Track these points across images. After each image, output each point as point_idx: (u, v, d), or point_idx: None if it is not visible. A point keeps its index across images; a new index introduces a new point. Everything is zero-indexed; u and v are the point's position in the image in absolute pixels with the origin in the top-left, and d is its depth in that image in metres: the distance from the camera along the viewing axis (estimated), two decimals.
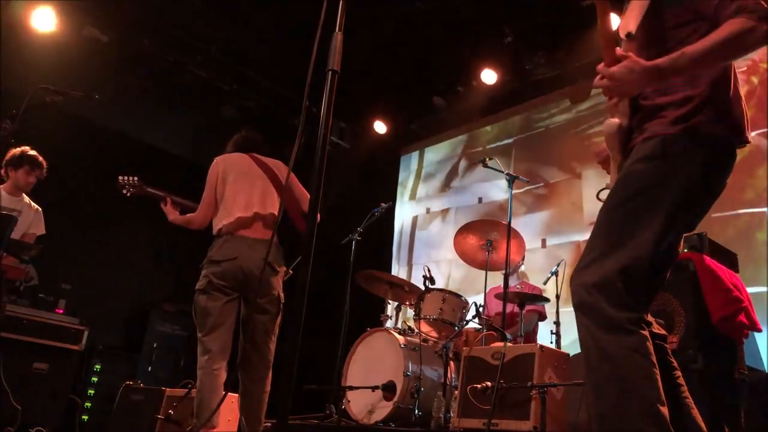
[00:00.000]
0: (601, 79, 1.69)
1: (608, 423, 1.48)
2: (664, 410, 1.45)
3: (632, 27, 1.79)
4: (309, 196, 3.50)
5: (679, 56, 1.59)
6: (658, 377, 1.48)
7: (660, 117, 1.69)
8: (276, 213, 3.32)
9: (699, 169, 1.63)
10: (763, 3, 1.55)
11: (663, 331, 1.78)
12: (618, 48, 1.72)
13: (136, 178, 3.66)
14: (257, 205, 3.31)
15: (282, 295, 3.29)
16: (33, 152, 4.38)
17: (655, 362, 1.50)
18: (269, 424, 3.28)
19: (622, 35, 1.82)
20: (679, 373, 1.71)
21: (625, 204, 1.65)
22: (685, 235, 1.80)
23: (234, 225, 3.24)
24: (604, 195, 1.79)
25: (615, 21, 1.84)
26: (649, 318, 1.74)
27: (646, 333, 1.54)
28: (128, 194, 3.66)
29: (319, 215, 3.36)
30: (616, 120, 1.80)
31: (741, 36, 1.54)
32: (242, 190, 3.34)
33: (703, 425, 1.65)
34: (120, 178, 3.67)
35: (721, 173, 1.70)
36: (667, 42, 1.70)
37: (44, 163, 4.43)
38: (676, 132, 1.64)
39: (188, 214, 3.47)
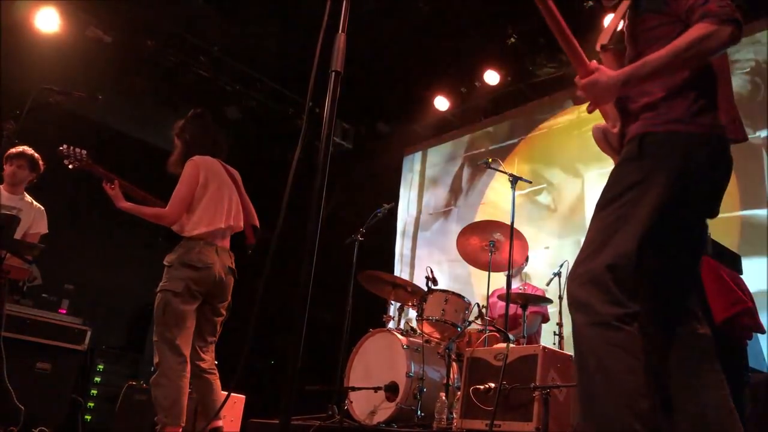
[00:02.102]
0: (577, 90, 1.76)
1: (591, 414, 1.53)
2: (646, 403, 1.48)
3: (605, 40, 1.86)
4: (252, 209, 3.62)
5: (642, 65, 1.64)
6: (642, 371, 1.51)
7: (641, 118, 1.74)
8: (241, 225, 3.53)
9: (679, 166, 1.65)
10: (728, 6, 1.58)
11: (706, 330, 1.78)
12: (593, 61, 1.77)
13: (84, 152, 3.51)
14: (233, 217, 3.47)
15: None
16: (22, 147, 4.36)
17: (641, 356, 1.53)
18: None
19: (597, 48, 1.89)
20: (722, 376, 1.71)
21: (610, 204, 1.69)
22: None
23: (212, 234, 3.34)
24: None
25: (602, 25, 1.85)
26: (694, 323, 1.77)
27: (633, 329, 1.56)
28: (71, 166, 3.50)
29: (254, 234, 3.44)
30: (599, 125, 1.86)
31: (702, 41, 1.57)
32: (222, 201, 3.44)
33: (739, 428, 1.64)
34: (63, 147, 3.49)
35: (709, 170, 1.68)
36: (650, 44, 1.73)
37: (33, 156, 4.38)
38: (654, 131, 1.68)
39: (157, 209, 3.36)
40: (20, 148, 4.34)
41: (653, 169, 1.65)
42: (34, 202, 4.48)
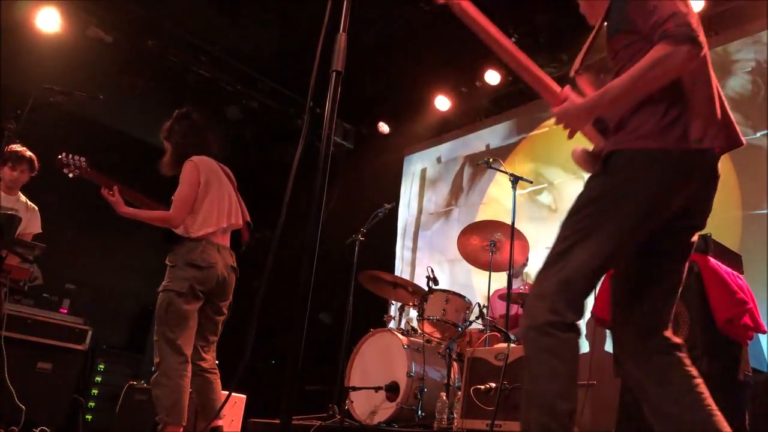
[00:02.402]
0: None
1: (522, 413, 1.63)
2: (565, 405, 1.55)
3: (577, 65, 1.92)
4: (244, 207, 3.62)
5: (603, 93, 1.68)
6: (566, 375, 1.59)
7: (613, 137, 1.76)
8: (240, 224, 3.55)
9: (645, 182, 1.66)
10: (685, 25, 1.59)
11: (679, 341, 1.81)
12: (561, 89, 1.84)
13: (83, 159, 3.52)
14: (233, 216, 3.49)
15: None
16: (20, 149, 4.36)
17: (569, 361, 1.61)
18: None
19: (571, 74, 1.94)
20: (699, 380, 1.74)
21: (570, 218, 1.74)
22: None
23: (214, 234, 3.36)
24: None
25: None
26: (668, 333, 1.80)
27: (568, 337, 1.62)
28: (71, 175, 3.52)
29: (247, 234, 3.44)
30: (578, 148, 1.91)
31: (661, 62, 1.59)
32: (223, 201, 3.46)
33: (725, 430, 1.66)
34: (62, 155, 3.49)
35: (681, 183, 1.67)
36: (627, 60, 1.76)
37: (31, 158, 4.38)
38: (622, 149, 1.70)
39: (161, 212, 3.35)
40: (19, 151, 4.32)
41: (619, 186, 1.68)
42: (29, 202, 4.48)
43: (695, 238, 1.82)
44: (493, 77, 6.48)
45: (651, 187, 1.65)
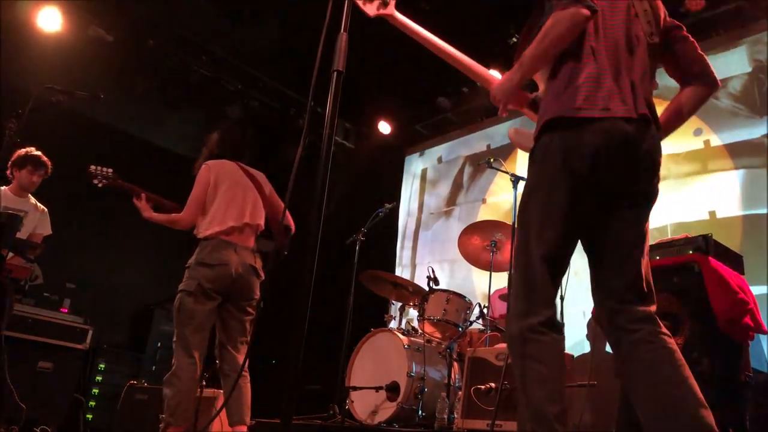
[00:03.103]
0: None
1: (518, 418, 1.67)
2: (554, 408, 1.57)
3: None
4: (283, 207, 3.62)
5: (518, 64, 1.85)
6: (552, 378, 1.61)
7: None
8: (262, 224, 3.54)
9: (553, 158, 1.71)
10: None
11: (647, 312, 1.72)
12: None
13: (110, 171, 3.65)
14: (248, 215, 3.46)
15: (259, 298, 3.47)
16: (37, 152, 4.39)
17: (553, 362, 1.63)
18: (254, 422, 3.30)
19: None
20: (666, 352, 1.65)
21: (520, 211, 1.80)
22: (682, 236, 1.82)
23: (225, 233, 3.35)
24: None
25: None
26: (634, 308, 1.71)
27: (547, 337, 1.64)
28: (100, 185, 3.64)
29: (293, 225, 3.40)
30: (510, 129, 2.08)
31: (554, 26, 1.73)
32: (235, 200, 3.45)
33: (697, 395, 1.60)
34: (92, 167, 3.63)
35: (574, 152, 1.68)
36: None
37: (48, 163, 4.43)
38: (539, 136, 1.77)
39: (173, 214, 3.46)
40: (38, 155, 4.35)
41: (540, 172, 1.75)
42: (38, 204, 4.48)
43: (641, 213, 1.77)
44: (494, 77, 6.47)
45: (557, 169, 1.70)
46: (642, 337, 1.66)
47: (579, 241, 1.81)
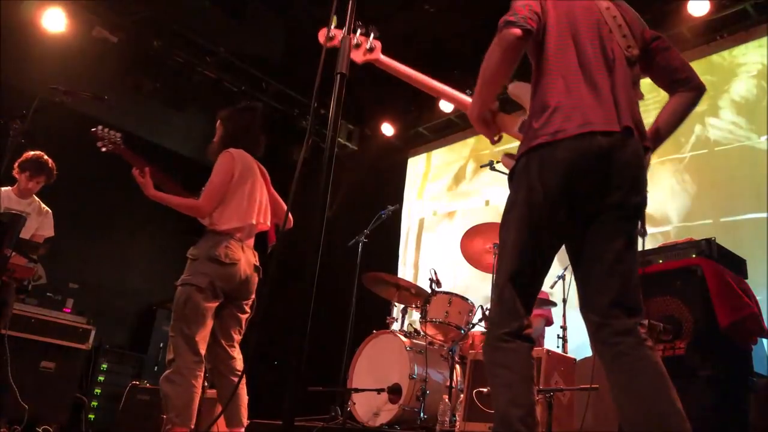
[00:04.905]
0: None
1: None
2: (519, 411, 1.63)
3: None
4: (284, 205, 3.55)
5: (476, 89, 1.89)
6: (517, 382, 1.69)
7: None
8: (268, 223, 3.40)
9: (529, 182, 1.74)
10: (507, 14, 1.79)
11: (628, 325, 1.71)
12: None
13: (119, 135, 3.37)
14: (262, 215, 3.35)
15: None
16: (43, 158, 4.36)
17: (518, 367, 1.70)
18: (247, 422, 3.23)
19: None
20: (642, 365, 1.65)
21: (500, 229, 1.86)
22: (686, 240, 1.82)
23: (243, 230, 3.22)
24: None
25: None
26: (617, 322, 1.71)
27: (514, 345, 1.72)
28: (104, 149, 3.36)
29: (291, 219, 3.31)
30: (503, 154, 2.07)
31: (488, 56, 1.79)
32: (255, 197, 3.32)
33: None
34: (99, 128, 3.33)
35: (561, 175, 1.70)
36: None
37: (53, 169, 4.41)
38: (520, 155, 1.82)
39: (190, 200, 3.21)
40: (40, 160, 4.33)
41: (517, 190, 1.80)
42: (42, 205, 4.48)
43: (624, 225, 1.76)
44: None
45: (532, 187, 1.74)
46: (622, 350, 1.68)
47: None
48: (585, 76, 1.78)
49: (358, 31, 2.14)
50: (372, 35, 2.23)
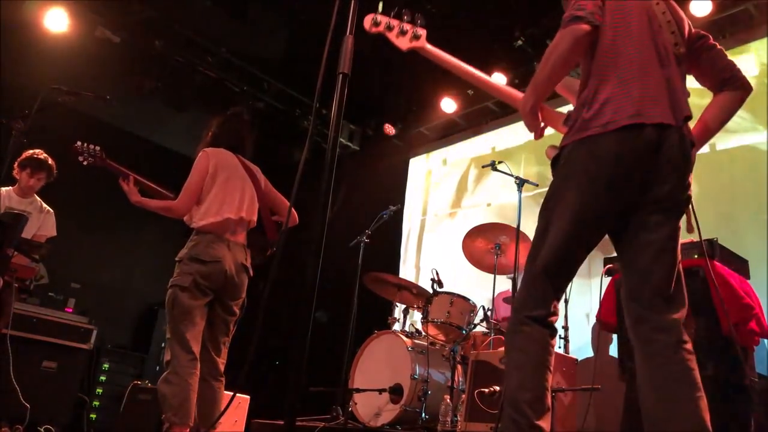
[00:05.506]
0: None
1: None
2: (526, 395, 1.65)
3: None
4: (287, 203, 3.56)
5: (532, 84, 1.87)
6: (529, 366, 1.70)
7: None
8: (255, 220, 3.43)
9: (580, 170, 1.76)
10: (572, 9, 1.79)
11: (671, 321, 1.73)
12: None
13: (98, 148, 3.49)
14: (245, 209, 3.36)
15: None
16: (41, 156, 4.38)
17: (533, 352, 1.71)
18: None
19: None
20: (680, 368, 1.66)
21: (540, 214, 1.86)
22: (687, 241, 1.82)
23: (220, 226, 3.25)
24: None
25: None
26: (657, 317, 1.72)
27: (532, 329, 1.73)
28: (85, 163, 3.47)
29: (296, 215, 3.32)
30: (549, 147, 2.00)
31: (555, 45, 1.79)
32: (233, 192, 3.35)
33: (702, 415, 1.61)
34: (78, 144, 3.47)
35: (612, 165, 1.72)
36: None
37: (53, 166, 4.42)
38: (566, 144, 1.82)
39: (167, 201, 3.30)
40: (40, 158, 4.34)
41: (564, 178, 1.80)
42: (44, 205, 4.49)
43: (669, 216, 1.79)
44: (499, 79, 6.48)
45: (580, 176, 1.75)
46: (658, 350, 1.68)
47: (591, 245, 1.84)
48: (638, 69, 1.80)
49: (404, 17, 2.15)
50: (418, 22, 2.23)
